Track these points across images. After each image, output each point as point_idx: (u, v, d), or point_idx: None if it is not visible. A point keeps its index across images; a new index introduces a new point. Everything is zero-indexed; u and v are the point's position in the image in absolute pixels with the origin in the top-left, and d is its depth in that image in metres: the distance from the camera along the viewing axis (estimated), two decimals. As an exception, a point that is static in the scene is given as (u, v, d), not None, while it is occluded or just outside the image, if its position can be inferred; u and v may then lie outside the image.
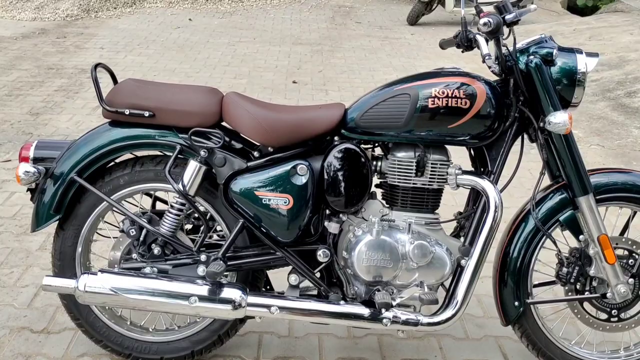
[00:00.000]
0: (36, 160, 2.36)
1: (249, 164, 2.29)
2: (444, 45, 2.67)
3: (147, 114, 2.26)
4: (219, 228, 2.44)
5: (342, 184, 2.26)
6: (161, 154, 2.40)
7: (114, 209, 2.36)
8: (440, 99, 2.22)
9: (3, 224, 3.48)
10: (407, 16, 9.44)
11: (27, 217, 3.55)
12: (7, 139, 4.66)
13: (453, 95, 2.22)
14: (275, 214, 2.25)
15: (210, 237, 2.46)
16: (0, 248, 3.24)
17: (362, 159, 2.27)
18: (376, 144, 2.39)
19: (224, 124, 2.33)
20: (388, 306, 2.18)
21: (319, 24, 9.37)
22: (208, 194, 2.34)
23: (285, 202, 2.24)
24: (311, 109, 2.34)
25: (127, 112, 2.26)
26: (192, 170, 2.27)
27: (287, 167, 2.25)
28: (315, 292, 2.40)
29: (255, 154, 2.31)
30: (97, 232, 2.46)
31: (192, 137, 2.25)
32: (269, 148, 2.31)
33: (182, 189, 2.25)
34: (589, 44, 7.62)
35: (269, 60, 7.21)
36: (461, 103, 2.21)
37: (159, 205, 2.56)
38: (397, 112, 2.23)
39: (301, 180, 2.24)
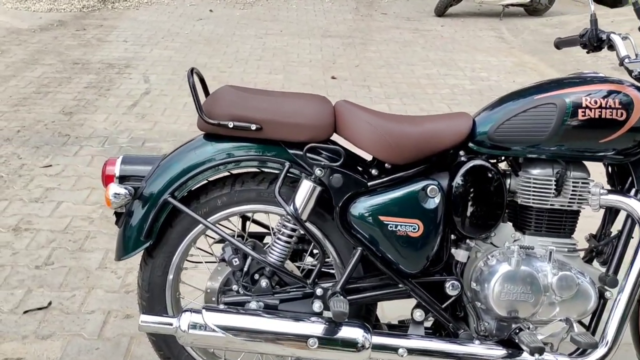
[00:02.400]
0: (122, 179, 2.09)
1: (370, 183, 2.01)
2: (560, 45, 2.40)
3: (254, 127, 1.97)
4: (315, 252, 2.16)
5: (476, 206, 1.99)
6: (260, 171, 2.11)
7: (213, 233, 2.08)
8: (593, 110, 1.94)
9: (55, 239, 3.19)
10: (435, 7, 9.14)
11: (80, 231, 3.27)
12: (43, 141, 4.36)
13: (607, 106, 1.95)
14: (402, 242, 1.97)
15: (314, 265, 2.18)
16: (56, 267, 2.96)
17: (496, 178, 2.00)
18: (502, 159, 2.11)
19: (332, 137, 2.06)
20: (541, 351, 1.90)
21: (344, 15, 9.06)
22: (317, 217, 2.06)
23: (414, 229, 1.96)
24: (436, 120, 2.06)
25: (230, 124, 1.98)
26: (306, 191, 1.98)
27: (415, 187, 1.97)
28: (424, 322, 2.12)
29: (373, 171, 2.03)
30: (187, 260, 2.19)
31: (307, 153, 1.97)
32: (386, 164, 2.03)
33: (294, 212, 1.97)
34: (634, 36, 7.31)
35: (301, 54, 6.91)
36: (616, 114, 1.95)
37: (248, 228, 2.28)
38: (541, 125, 1.96)
39: (432, 202, 1.97)
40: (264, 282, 2.05)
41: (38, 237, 3.21)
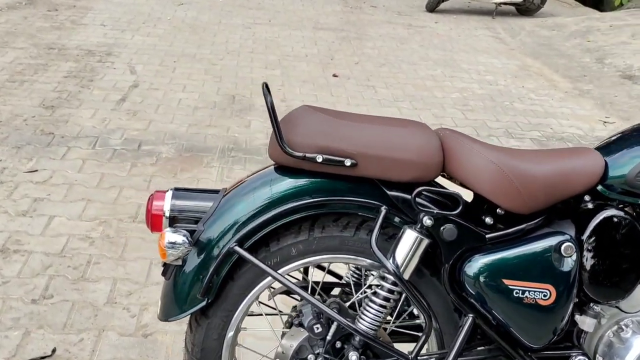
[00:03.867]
0: (172, 221, 1.66)
1: (488, 236, 1.63)
2: None
3: (348, 162, 1.57)
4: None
5: (612, 266, 1.64)
6: (343, 213, 1.70)
7: (288, 291, 1.68)
8: None
9: (52, 264, 2.72)
10: (427, 3, 8.80)
11: (80, 254, 2.80)
12: (24, 140, 3.84)
13: None
14: (528, 311, 1.60)
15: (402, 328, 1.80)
16: (57, 301, 2.50)
17: (635, 231, 1.64)
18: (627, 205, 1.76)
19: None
20: None
21: (332, 6, 8.63)
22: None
23: (545, 296, 1.60)
24: (562, 157, 1.69)
25: (319, 158, 1.57)
26: (410, 243, 1.59)
27: (547, 244, 1.61)
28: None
29: (487, 219, 1.65)
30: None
31: (416, 198, 1.58)
32: (498, 210, 1.65)
33: (396, 269, 1.57)
34: (635, 43, 7.12)
35: (295, 47, 6.47)
36: None
37: (323, 278, 1.88)
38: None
39: (567, 263, 1.60)
40: (353, 356, 1.64)
41: (31, 261, 2.73)
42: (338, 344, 1.68)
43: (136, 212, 3.18)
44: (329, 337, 1.66)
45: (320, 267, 1.87)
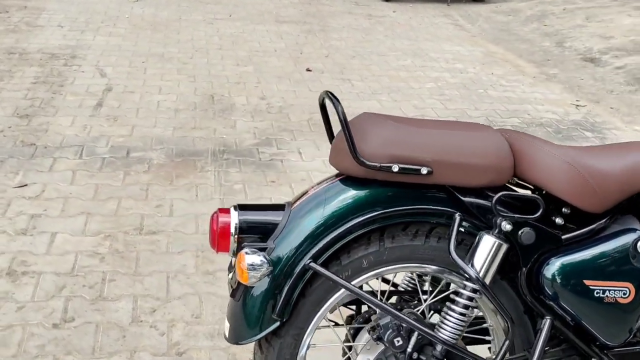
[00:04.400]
0: (240, 240, 1.60)
1: (564, 237, 1.62)
2: None
3: (424, 170, 1.54)
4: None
5: None
6: (410, 222, 1.67)
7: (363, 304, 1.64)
8: None
9: (65, 285, 2.60)
10: (383, -9, 8.81)
11: (93, 272, 2.69)
12: (6, 153, 3.67)
13: None
14: (608, 310, 1.61)
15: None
16: (80, 324, 2.39)
17: None
18: None
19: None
20: None
21: (289, -2, 8.55)
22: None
23: (624, 294, 1.60)
24: (628, 152, 1.69)
25: (395, 168, 1.53)
26: (489, 249, 1.58)
27: (623, 242, 1.62)
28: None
29: (558, 220, 1.65)
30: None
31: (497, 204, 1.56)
32: (564, 209, 1.65)
33: (477, 275, 1.55)
34: (591, 26, 7.30)
35: (262, 42, 6.37)
36: None
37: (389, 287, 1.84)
38: None
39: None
40: (436, 366, 1.62)
41: (42, 283, 2.60)
42: (415, 355, 1.66)
43: (140, 223, 3.08)
44: (409, 349, 1.63)
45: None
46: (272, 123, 4.40)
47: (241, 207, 1.63)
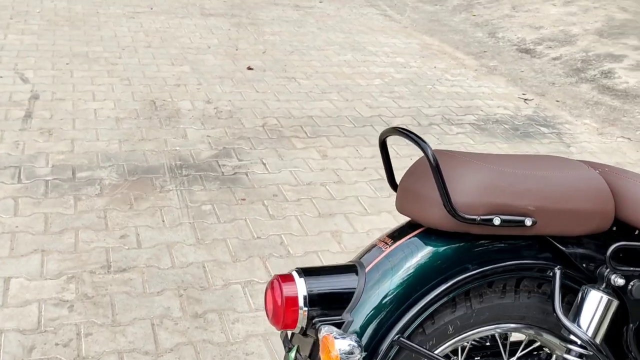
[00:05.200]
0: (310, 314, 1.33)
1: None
2: None
3: (529, 221, 1.32)
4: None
5: None
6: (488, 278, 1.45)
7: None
8: None
9: (34, 345, 2.21)
10: (306, -20, 8.52)
11: (64, 326, 2.31)
12: None
13: None
14: None
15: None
16: (64, 395, 2.02)
17: None
18: None
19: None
20: None
21: (209, -12, 8.10)
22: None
23: None
24: None
25: (497, 221, 1.30)
26: (599, 307, 1.38)
27: None
28: None
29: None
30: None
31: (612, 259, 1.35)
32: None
33: (590, 339, 1.35)
34: (518, 16, 7.33)
35: (193, 38, 5.96)
36: None
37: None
38: None
39: None
40: None
41: (7, 344, 2.20)
42: None
43: (106, 259, 2.70)
44: None
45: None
46: (225, 130, 4.06)
47: (305, 272, 1.35)
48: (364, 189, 3.49)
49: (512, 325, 1.45)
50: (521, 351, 1.54)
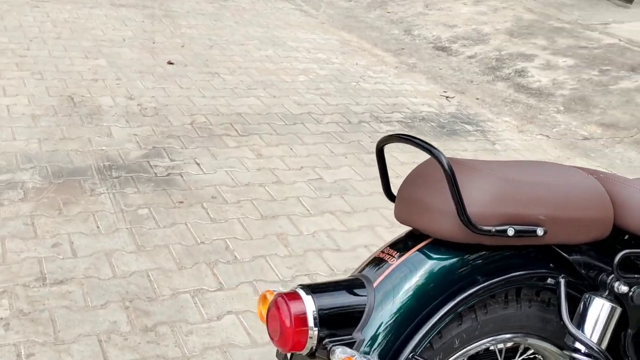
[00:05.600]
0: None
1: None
2: None
3: (541, 231, 1.29)
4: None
5: None
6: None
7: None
8: None
9: (-30, 370, 2.00)
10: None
11: (2, 347, 2.09)
12: None
13: None
14: None
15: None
16: None
17: None
18: None
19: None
20: None
21: (116, -23, 7.74)
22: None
23: None
24: None
25: (511, 231, 1.27)
26: (604, 314, 1.38)
27: None
28: None
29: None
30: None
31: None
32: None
33: (598, 347, 1.35)
34: (432, 14, 7.46)
35: (105, 30, 5.66)
36: None
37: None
38: None
39: None
40: None
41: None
42: None
43: (40, 270, 2.49)
44: None
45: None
46: (152, 128, 3.86)
47: (311, 290, 1.27)
48: (303, 189, 3.41)
49: (511, 336, 1.42)
50: (518, 357, 1.52)
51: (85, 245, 2.68)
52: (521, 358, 1.54)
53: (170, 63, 5.06)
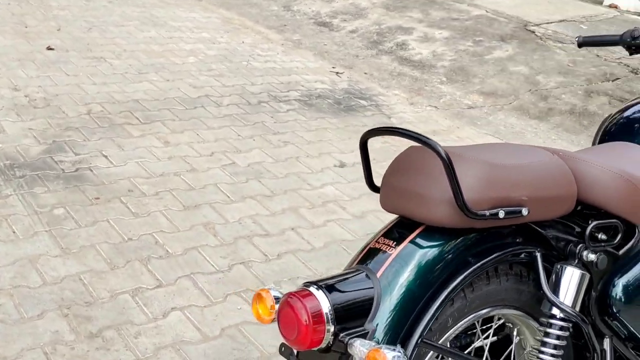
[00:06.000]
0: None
1: (620, 252, 1.61)
2: (587, 44, 2.22)
3: (525, 210, 1.39)
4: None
5: None
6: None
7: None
8: None
9: None
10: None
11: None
12: None
13: None
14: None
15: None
16: None
17: None
18: None
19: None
20: None
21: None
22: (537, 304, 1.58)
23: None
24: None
25: (501, 214, 1.36)
26: (575, 281, 1.51)
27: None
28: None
29: (602, 236, 1.63)
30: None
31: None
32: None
33: (576, 312, 1.48)
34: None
35: (-31, 13, 5.23)
36: None
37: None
38: None
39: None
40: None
41: None
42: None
43: (-39, 285, 2.31)
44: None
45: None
46: (47, 121, 3.65)
47: (320, 286, 1.29)
48: (219, 175, 3.37)
49: (491, 309, 1.51)
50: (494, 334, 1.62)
51: (5, 253, 2.52)
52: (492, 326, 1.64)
53: (50, 49, 4.76)
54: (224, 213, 3.03)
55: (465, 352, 1.60)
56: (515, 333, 1.65)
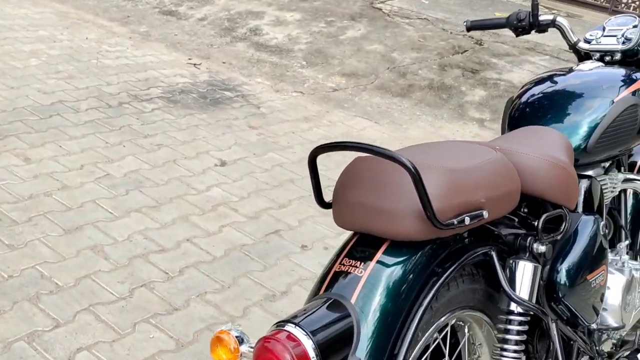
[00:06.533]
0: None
1: (559, 237, 1.64)
2: (476, 28, 2.27)
3: (486, 213, 1.37)
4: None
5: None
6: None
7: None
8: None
9: None
10: None
11: None
12: None
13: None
14: (595, 295, 1.72)
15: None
16: None
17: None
18: None
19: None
20: None
21: None
22: (488, 301, 1.59)
23: (602, 276, 1.73)
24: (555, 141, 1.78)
25: (467, 220, 1.32)
26: (530, 275, 1.52)
27: (593, 229, 1.72)
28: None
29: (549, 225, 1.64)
30: None
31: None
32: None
33: (537, 306, 1.50)
34: None
35: None
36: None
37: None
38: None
39: (605, 241, 1.75)
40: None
41: None
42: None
43: None
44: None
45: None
46: None
47: (296, 323, 1.18)
48: (96, 190, 3.10)
49: (455, 313, 1.48)
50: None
51: None
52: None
53: None
54: (111, 232, 2.79)
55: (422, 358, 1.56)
56: (465, 330, 1.63)
